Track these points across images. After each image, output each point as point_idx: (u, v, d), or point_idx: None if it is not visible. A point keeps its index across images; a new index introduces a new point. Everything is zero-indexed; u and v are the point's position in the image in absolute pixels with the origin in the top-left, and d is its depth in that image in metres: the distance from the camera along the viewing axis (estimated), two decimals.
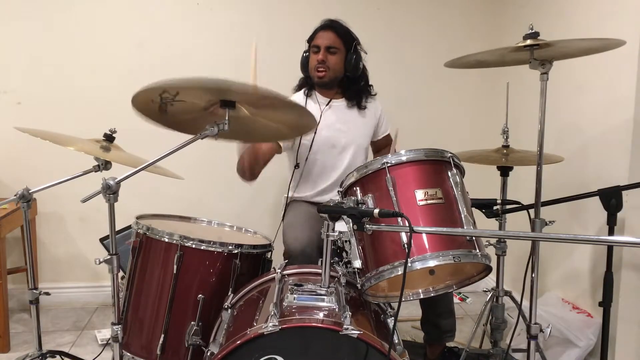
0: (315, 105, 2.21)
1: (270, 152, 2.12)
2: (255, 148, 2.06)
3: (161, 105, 1.47)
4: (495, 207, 1.90)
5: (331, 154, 2.20)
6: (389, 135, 2.37)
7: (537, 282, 1.66)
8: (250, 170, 2.07)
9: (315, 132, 2.15)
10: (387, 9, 3.02)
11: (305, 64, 2.22)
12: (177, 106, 1.51)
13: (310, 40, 2.21)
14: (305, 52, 2.22)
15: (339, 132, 2.20)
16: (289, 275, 1.62)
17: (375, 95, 2.31)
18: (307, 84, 2.25)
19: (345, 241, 1.44)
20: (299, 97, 2.25)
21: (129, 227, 1.89)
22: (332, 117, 2.20)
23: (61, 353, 1.95)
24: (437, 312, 2.10)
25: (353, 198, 1.43)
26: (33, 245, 2.68)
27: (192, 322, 1.65)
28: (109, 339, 1.59)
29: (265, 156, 2.10)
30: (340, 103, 2.24)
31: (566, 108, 2.43)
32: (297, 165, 2.21)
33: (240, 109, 1.52)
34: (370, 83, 2.30)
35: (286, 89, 2.29)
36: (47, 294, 1.81)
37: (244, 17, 2.91)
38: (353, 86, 2.23)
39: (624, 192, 1.82)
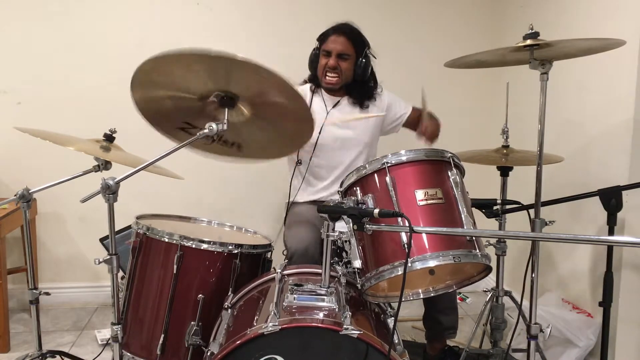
0: (321, 103, 2.22)
1: None
2: None
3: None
4: (495, 207, 1.90)
5: (335, 152, 2.21)
6: (414, 110, 2.34)
7: (537, 282, 1.66)
8: None
9: (320, 132, 2.15)
10: (387, 9, 3.02)
11: (313, 62, 2.21)
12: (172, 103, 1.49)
13: (321, 41, 2.19)
14: (315, 49, 2.21)
15: (344, 130, 2.21)
16: (289, 275, 1.62)
17: (379, 92, 2.29)
18: (314, 82, 2.25)
19: (345, 241, 1.44)
20: (304, 90, 2.25)
21: (129, 227, 1.89)
22: (338, 115, 2.22)
23: (61, 353, 1.95)
24: (440, 308, 2.10)
25: (353, 198, 1.44)
26: (33, 245, 2.68)
27: (192, 322, 1.65)
28: (109, 339, 1.59)
29: None
30: (344, 102, 2.24)
31: (566, 108, 2.43)
32: (299, 162, 2.21)
33: (239, 110, 1.52)
34: (375, 84, 2.29)
35: None
36: (47, 294, 1.81)
37: (244, 17, 2.91)
38: (359, 88, 2.23)
39: (624, 192, 1.82)
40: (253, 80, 1.42)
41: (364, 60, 2.16)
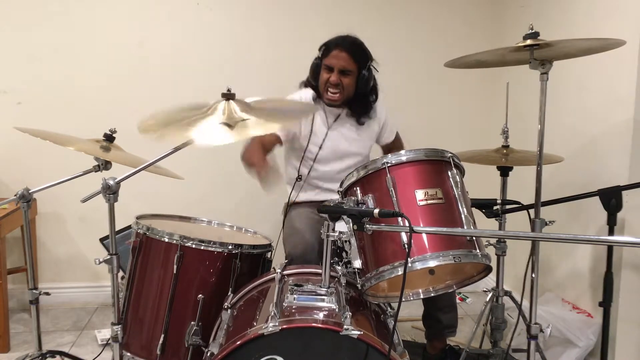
0: (322, 115, 2.20)
1: (272, 143, 2.11)
2: (259, 140, 2.03)
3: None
4: (495, 207, 1.90)
5: (334, 164, 2.20)
6: (396, 138, 2.36)
7: (537, 282, 1.66)
8: (251, 162, 2.01)
9: (320, 147, 2.16)
10: (387, 9, 3.02)
11: (315, 73, 2.17)
12: None
13: (323, 53, 2.14)
14: (316, 59, 2.17)
15: (344, 143, 2.21)
16: (289, 275, 1.62)
17: (376, 106, 2.27)
18: (316, 92, 2.21)
19: (345, 241, 1.44)
20: (307, 97, 2.23)
21: (129, 227, 1.89)
22: (338, 128, 2.21)
23: (61, 353, 1.95)
24: (439, 306, 2.09)
25: (353, 198, 1.44)
26: (33, 245, 2.68)
27: (192, 322, 1.65)
28: (109, 339, 1.59)
29: (267, 147, 2.08)
30: (344, 114, 2.23)
31: (566, 108, 2.43)
32: (299, 177, 2.21)
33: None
34: (376, 97, 2.26)
35: (286, 88, 2.28)
36: (47, 294, 1.81)
37: (244, 17, 2.91)
38: (359, 101, 2.20)
39: (624, 192, 1.82)
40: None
41: (366, 73, 2.13)
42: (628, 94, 2.04)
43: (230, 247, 1.70)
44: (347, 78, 2.12)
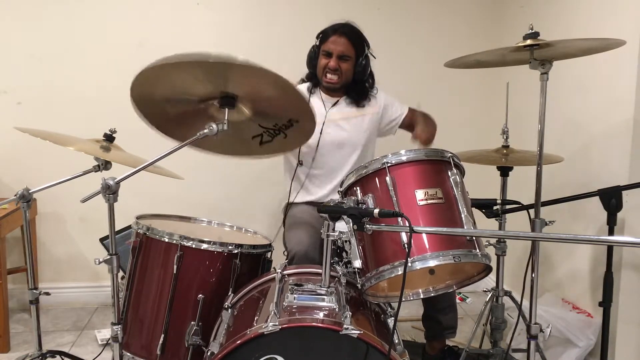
0: (319, 103, 2.21)
1: None
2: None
3: None
4: (495, 207, 1.90)
5: (336, 153, 2.20)
6: (410, 111, 2.34)
7: (537, 282, 1.66)
8: None
9: (321, 133, 2.14)
10: (387, 9, 3.02)
11: (312, 60, 2.19)
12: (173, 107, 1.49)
13: (320, 40, 2.16)
14: (313, 47, 2.18)
15: (343, 131, 2.21)
16: (289, 275, 1.62)
17: (375, 93, 2.28)
18: (312, 81, 2.23)
19: (345, 241, 1.44)
20: (301, 91, 2.24)
21: (129, 227, 1.89)
22: (336, 115, 2.21)
23: (61, 353, 1.95)
24: (439, 308, 2.09)
25: (353, 198, 1.44)
26: (33, 245, 2.68)
27: (192, 322, 1.65)
28: (109, 339, 1.59)
29: None
30: (342, 101, 2.24)
31: (566, 108, 2.43)
32: (300, 162, 2.20)
33: (240, 110, 1.52)
34: (373, 82, 2.27)
35: None
36: (47, 294, 1.81)
37: (243, 17, 2.92)
38: (357, 88, 2.22)
39: (624, 192, 1.82)
40: (252, 80, 1.43)
41: (363, 61, 2.15)
42: (628, 94, 2.04)
43: (230, 247, 1.70)
44: (345, 63, 2.13)
